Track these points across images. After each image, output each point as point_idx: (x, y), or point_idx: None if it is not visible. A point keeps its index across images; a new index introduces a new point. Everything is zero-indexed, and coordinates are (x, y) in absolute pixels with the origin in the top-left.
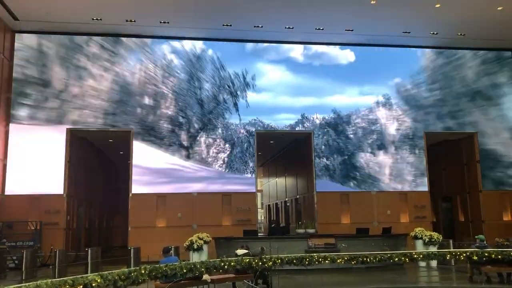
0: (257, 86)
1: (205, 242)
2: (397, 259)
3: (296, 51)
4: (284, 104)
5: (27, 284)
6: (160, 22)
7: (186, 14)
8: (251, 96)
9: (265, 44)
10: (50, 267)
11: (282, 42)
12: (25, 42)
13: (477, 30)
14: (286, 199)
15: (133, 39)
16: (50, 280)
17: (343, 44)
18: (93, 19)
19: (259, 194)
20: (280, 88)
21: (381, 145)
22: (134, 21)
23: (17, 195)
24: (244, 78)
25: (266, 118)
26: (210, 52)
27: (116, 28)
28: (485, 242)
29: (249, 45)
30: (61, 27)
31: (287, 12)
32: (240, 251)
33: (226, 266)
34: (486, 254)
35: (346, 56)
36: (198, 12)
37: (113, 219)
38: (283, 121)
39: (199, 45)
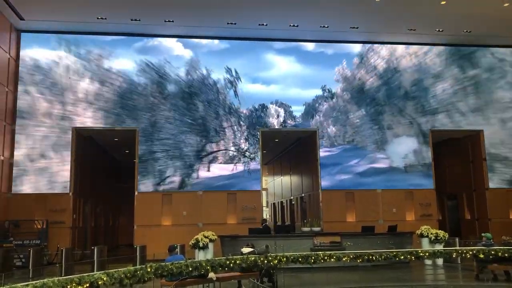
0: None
1: (211, 240)
2: (402, 257)
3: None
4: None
5: (34, 282)
6: (165, 21)
7: (191, 13)
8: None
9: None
10: (57, 265)
11: (287, 40)
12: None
13: (483, 27)
14: (292, 197)
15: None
16: (57, 278)
17: (348, 42)
18: (98, 18)
19: (264, 193)
20: (289, 79)
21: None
22: (139, 20)
23: (24, 194)
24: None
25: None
26: (216, 42)
27: (121, 27)
28: (491, 240)
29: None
30: (66, 26)
31: (291, 10)
32: (245, 250)
33: (231, 265)
34: (492, 252)
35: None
36: (203, 10)
37: (119, 218)
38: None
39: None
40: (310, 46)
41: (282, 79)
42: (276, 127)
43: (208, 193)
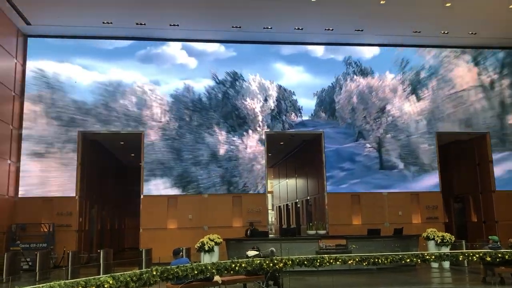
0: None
1: (216, 243)
2: (409, 260)
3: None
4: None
5: (40, 285)
6: (170, 25)
7: (196, 17)
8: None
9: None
10: (63, 268)
11: (292, 43)
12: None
13: (489, 28)
14: (297, 200)
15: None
16: (63, 281)
17: (353, 45)
18: (103, 22)
19: (269, 196)
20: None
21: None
22: (144, 24)
23: (30, 197)
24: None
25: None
26: (222, 49)
27: (126, 31)
28: (498, 243)
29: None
30: (72, 31)
31: (295, 13)
32: (250, 253)
33: (237, 268)
34: (499, 255)
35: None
36: (208, 14)
37: (125, 221)
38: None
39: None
40: (319, 52)
41: (290, 88)
42: (260, 116)
43: (213, 196)
